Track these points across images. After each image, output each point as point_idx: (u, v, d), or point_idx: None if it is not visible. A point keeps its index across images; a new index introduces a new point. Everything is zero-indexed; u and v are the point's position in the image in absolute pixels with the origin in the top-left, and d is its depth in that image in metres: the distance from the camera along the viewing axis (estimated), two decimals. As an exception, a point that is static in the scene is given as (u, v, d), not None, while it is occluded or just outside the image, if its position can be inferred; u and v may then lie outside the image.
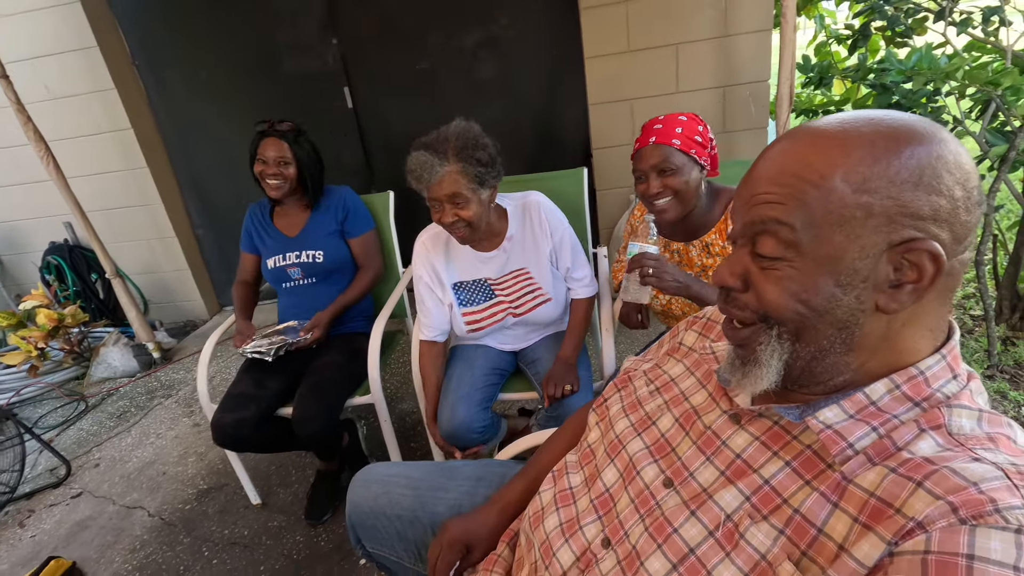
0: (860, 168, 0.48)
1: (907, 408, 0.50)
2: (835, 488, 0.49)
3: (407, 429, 2.15)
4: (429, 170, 1.28)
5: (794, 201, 0.50)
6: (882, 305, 0.49)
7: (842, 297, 0.50)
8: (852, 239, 0.48)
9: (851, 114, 0.52)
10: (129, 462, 2.23)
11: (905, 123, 0.49)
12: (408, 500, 0.99)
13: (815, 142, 0.50)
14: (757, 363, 0.55)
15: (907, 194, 0.47)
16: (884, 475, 0.46)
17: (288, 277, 1.81)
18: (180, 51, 2.99)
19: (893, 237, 0.48)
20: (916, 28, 1.87)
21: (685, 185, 1.22)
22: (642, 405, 0.75)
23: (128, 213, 3.18)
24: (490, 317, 1.50)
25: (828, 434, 0.51)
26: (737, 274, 0.56)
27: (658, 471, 0.64)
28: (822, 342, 0.52)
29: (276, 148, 1.72)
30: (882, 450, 0.49)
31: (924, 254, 0.47)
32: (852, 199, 0.48)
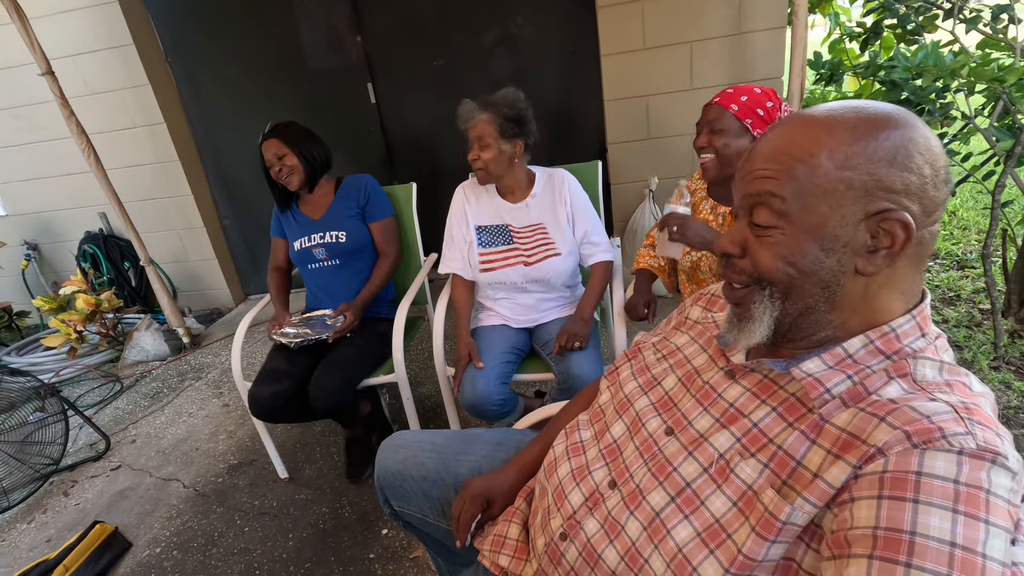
0: (843, 147, 0.55)
1: (879, 360, 0.58)
2: (813, 427, 0.56)
3: (427, 411, 2.24)
4: (469, 113, 1.58)
5: (786, 176, 0.57)
6: (860, 268, 0.57)
7: (825, 260, 0.57)
8: (834, 209, 0.55)
9: (838, 103, 0.60)
10: (164, 438, 2.35)
11: (883, 111, 0.57)
12: (433, 463, 1.08)
13: (805, 125, 0.58)
14: (751, 319, 0.63)
15: (883, 170, 0.54)
16: (855, 414, 0.54)
17: (313, 258, 1.91)
18: (210, 49, 3.12)
19: (870, 208, 0.55)
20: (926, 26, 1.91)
21: (726, 148, 1.31)
22: (649, 369, 0.83)
23: (159, 204, 3.32)
24: (503, 260, 1.66)
25: (809, 381, 0.58)
26: (737, 242, 0.63)
27: (661, 422, 0.72)
28: (808, 300, 0.59)
29: (271, 147, 1.84)
30: (855, 395, 0.56)
31: (896, 223, 0.55)
32: (836, 174, 0.55)
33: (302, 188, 1.90)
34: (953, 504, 0.45)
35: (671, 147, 2.77)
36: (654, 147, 2.79)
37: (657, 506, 0.64)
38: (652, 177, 2.81)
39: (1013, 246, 2.13)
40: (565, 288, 1.75)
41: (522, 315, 1.73)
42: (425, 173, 3.18)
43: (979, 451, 0.47)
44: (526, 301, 1.72)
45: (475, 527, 0.94)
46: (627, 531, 0.66)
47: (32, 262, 3.54)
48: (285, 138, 1.85)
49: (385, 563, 1.59)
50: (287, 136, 1.85)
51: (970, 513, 0.45)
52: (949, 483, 0.46)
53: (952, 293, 2.47)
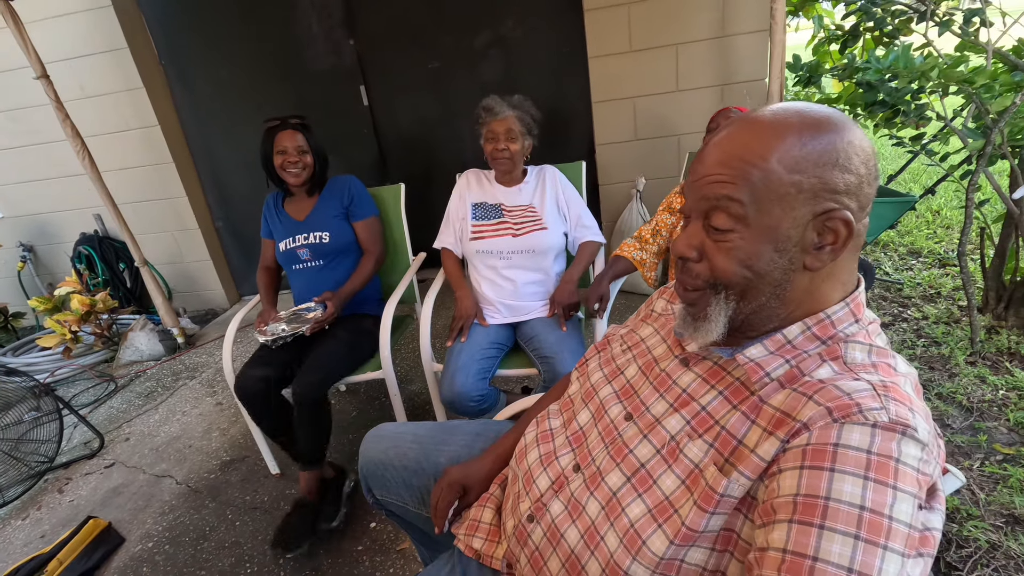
0: (792, 152, 0.58)
1: (816, 345, 0.62)
2: (753, 408, 0.61)
3: (416, 408, 2.28)
4: (499, 106, 1.73)
5: (741, 180, 0.59)
6: (808, 264, 0.61)
7: (778, 260, 0.60)
8: (787, 211, 0.58)
9: (781, 106, 0.63)
10: (157, 436, 2.38)
11: (822, 114, 0.60)
12: (414, 453, 1.12)
13: (754, 129, 0.61)
14: (707, 319, 0.66)
15: (828, 173, 0.58)
16: (788, 395, 0.58)
17: (298, 258, 1.95)
18: (204, 51, 3.16)
19: (816, 208, 0.59)
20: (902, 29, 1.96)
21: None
22: (614, 360, 0.87)
23: (154, 206, 3.35)
24: (493, 231, 1.79)
25: (751, 366, 0.62)
26: (694, 246, 0.65)
27: (621, 408, 0.76)
28: (761, 299, 0.63)
29: (294, 138, 1.86)
30: (792, 377, 0.60)
31: (839, 221, 0.58)
32: (787, 178, 0.58)
33: (302, 187, 1.94)
34: (864, 472, 0.49)
35: (658, 148, 2.81)
36: (641, 148, 2.84)
37: (614, 486, 0.68)
38: (639, 178, 2.85)
39: (990, 243, 2.17)
40: (550, 273, 1.80)
41: (505, 299, 1.78)
42: (418, 175, 3.22)
43: (891, 424, 0.51)
44: (509, 285, 1.77)
45: (452, 514, 0.97)
46: (587, 511, 0.70)
47: (28, 263, 3.57)
48: (308, 136, 1.90)
49: (373, 555, 1.62)
50: (309, 135, 1.91)
51: (879, 480, 0.49)
52: (862, 453, 0.50)
53: (933, 290, 2.52)
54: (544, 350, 1.60)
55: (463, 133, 3.11)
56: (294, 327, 1.79)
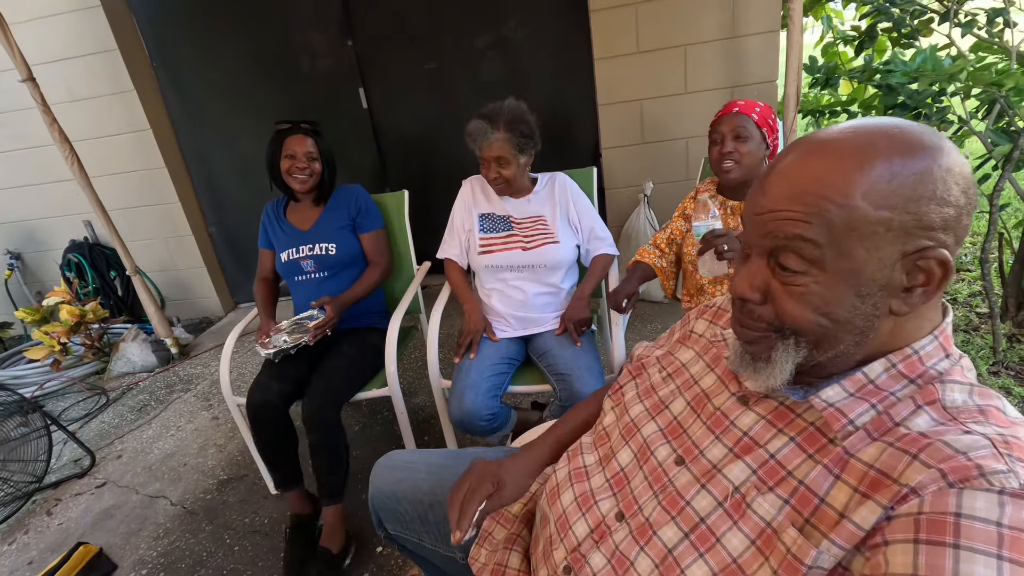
0: (880, 186, 0.49)
1: (903, 385, 0.55)
2: (837, 461, 0.53)
3: (421, 422, 2.20)
4: (483, 135, 1.58)
5: (818, 219, 0.51)
6: (895, 309, 0.53)
7: (860, 306, 0.52)
8: (872, 252, 0.50)
9: (863, 126, 0.53)
10: (151, 453, 2.29)
11: (915, 134, 0.51)
12: (429, 484, 1.04)
13: (832, 155, 0.52)
14: (770, 363, 0.58)
15: (923, 208, 0.49)
16: (883, 449, 0.51)
17: (301, 270, 1.87)
18: (197, 54, 3.06)
19: (907, 247, 0.51)
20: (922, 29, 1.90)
21: (750, 154, 1.41)
22: (656, 391, 0.80)
23: (146, 212, 3.25)
24: (502, 244, 1.70)
25: (831, 412, 0.55)
26: (757, 287, 0.57)
27: (670, 450, 0.68)
28: (839, 347, 0.55)
29: (304, 144, 1.79)
30: (880, 425, 0.53)
31: (933, 261, 0.51)
32: (874, 215, 0.49)
33: (308, 194, 1.86)
34: (998, 549, 0.42)
35: (666, 152, 2.75)
36: (648, 152, 2.77)
37: (669, 542, 0.61)
38: (647, 182, 2.78)
39: (1009, 249, 2.12)
40: (561, 287, 1.72)
41: (515, 311, 1.70)
42: (418, 179, 3.14)
43: (1022, 491, 0.43)
44: (518, 295, 1.69)
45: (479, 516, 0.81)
46: (637, 568, 0.63)
47: (15, 272, 3.46)
48: (318, 140, 1.83)
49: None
50: (320, 139, 1.84)
51: (1016, 560, 0.42)
52: (992, 526, 0.43)
53: (948, 296, 2.47)
54: (559, 367, 1.53)
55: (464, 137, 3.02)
56: (296, 337, 1.71)
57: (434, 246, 1.89)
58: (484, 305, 1.76)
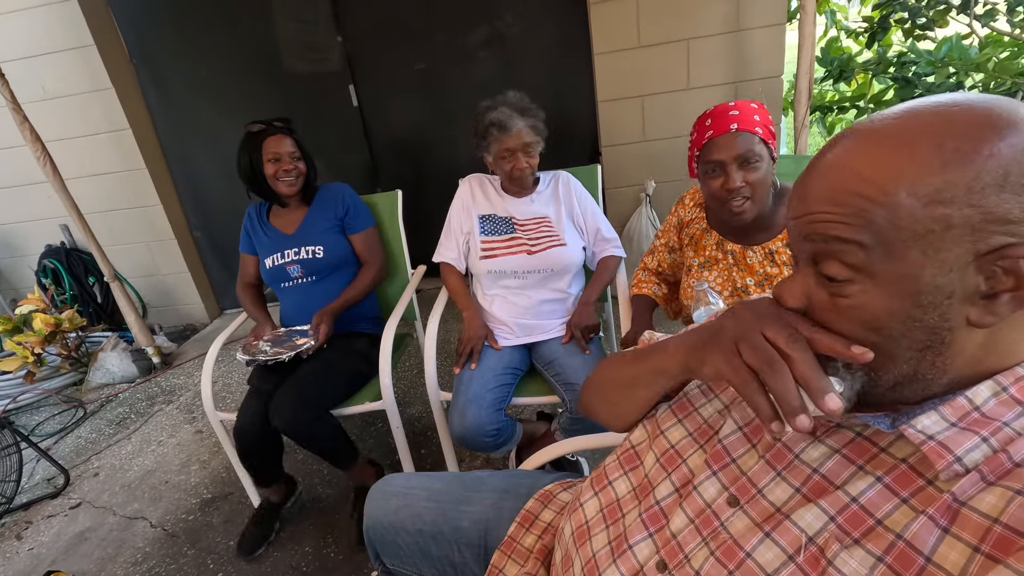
0: (929, 178, 0.41)
1: (1017, 413, 0.45)
2: (945, 511, 0.43)
3: (417, 435, 2.09)
4: (511, 120, 1.49)
5: (857, 219, 0.44)
6: (975, 319, 0.44)
7: (922, 317, 0.44)
8: (930, 255, 0.42)
9: (918, 107, 0.45)
10: (130, 471, 2.16)
11: (980, 112, 0.42)
12: (431, 514, 0.94)
13: (872, 146, 0.44)
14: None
15: (992, 199, 0.40)
16: (1008, 498, 0.41)
17: (287, 276, 1.76)
18: (180, 49, 2.93)
19: (980, 246, 0.42)
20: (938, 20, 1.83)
21: (762, 182, 1.11)
22: (696, 408, 0.70)
23: (126, 215, 3.11)
24: (506, 248, 1.60)
25: (932, 447, 0.45)
26: (798, 296, 0.51)
27: (720, 488, 0.58)
28: (901, 366, 0.47)
29: (285, 143, 1.70)
30: (997, 466, 0.43)
31: (1021, 260, 0.41)
32: (924, 213, 0.42)
33: (295, 196, 1.76)
34: None
35: (668, 149, 2.65)
36: (650, 150, 2.68)
37: (729, 604, 0.50)
38: (649, 181, 2.69)
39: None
40: (569, 292, 1.62)
41: (519, 317, 1.60)
42: (412, 180, 3.03)
43: None
44: (524, 301, 1.59)
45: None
46: (687, 632, 0.52)
47: (-12, 279, 3.30)
48: (298, 141, 1.74)
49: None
50: (298, 140, 1.75)
51: None
52: None
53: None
54: (568, 375, 1.43)
55: (459, 135, 2.92)
56: (276, 351, 1.60)
57: (429, 249, 1.78)
58: (484, 312, 1.65)
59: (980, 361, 0.46)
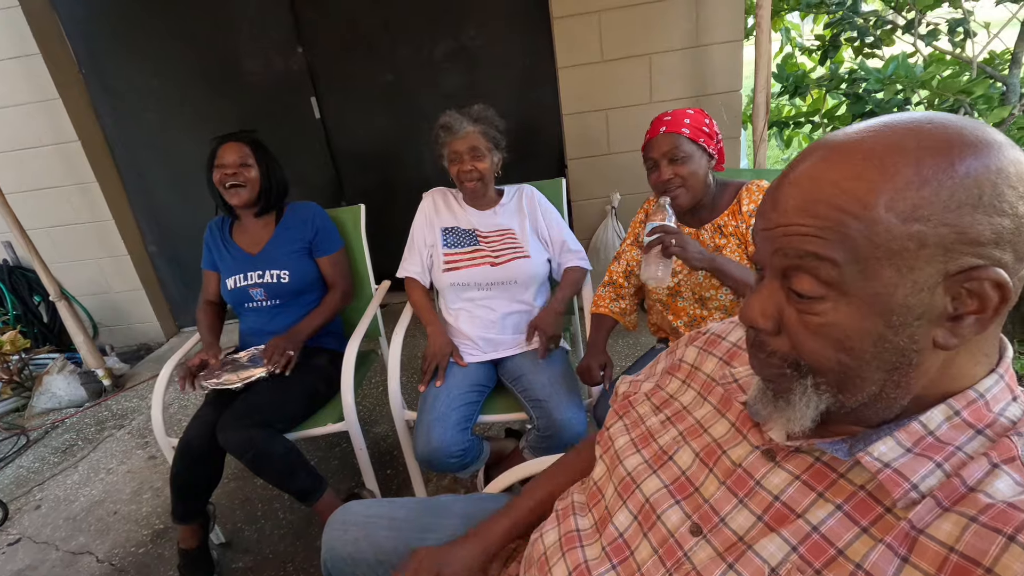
0: (907, 193, 0.41)
1: (969, 437, 0.45)
2: (902, 539, 0.43)
3: (383, 454, 2.03)
4: (459, 123, 1.52)
5: (833, 234, 0.43)
6: (941, 341, 0.43)
7: (892, 339, 0.43)
8: (904, 273, 0.42)
9: (891, 123, 0.45)
10: (75, 502, 2.04)
11: (953, 131, 0.42)
12: (392, 543, 0.90)
13: (849, 160, 0.44)
14: (790, 405, 0.49)
15: (966, 219, 0.40)
16: (964, 526, 0.40)
17: (250, 298, 1.69)
18: (132, 59, 2.83)
19: (950, 267, 0.41)
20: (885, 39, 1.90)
21: (693, 174, 1.26)
22: (654, 437, 0.69)
23: (75, 231, 2.97)
24: (469, 260, 1.58)
25: (888, 474, 0.45)
26: (769, 315, 0.49)
27: (683, 516, 0.57)
28: (869, 388, 0.46)
29: (236, 151, 1.62)
30: (951, 491, 0.43)
31: (987, 283, 0.41)
32: (901, 230, 0.41)
33: (246, 207, 1.68)
34: None
35: (633, 162, 2.66)
36: (615, 162, 2.71)
37: (693, 639, 0.49)
38: (614, 193, 2.72)
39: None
40: (534, 305, 1.61)
41: (484, 332, 1.57)
42: (377, 193, 2.98)
43: None
44: (488, 315, 1.57)
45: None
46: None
47: (-78, 299, 3.10)
48: (254, 149, 1.66)
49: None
50: (257, 146, 1.67)
51: None
52: None
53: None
54: (535, 391, 1.41)
55: (425, 148, 2.89)
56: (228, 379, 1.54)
57: (394, 264, 1.75)
58: (450, 327, 1.63)
59: (935, 384, 0.46)
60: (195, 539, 1.55)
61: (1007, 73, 1.77)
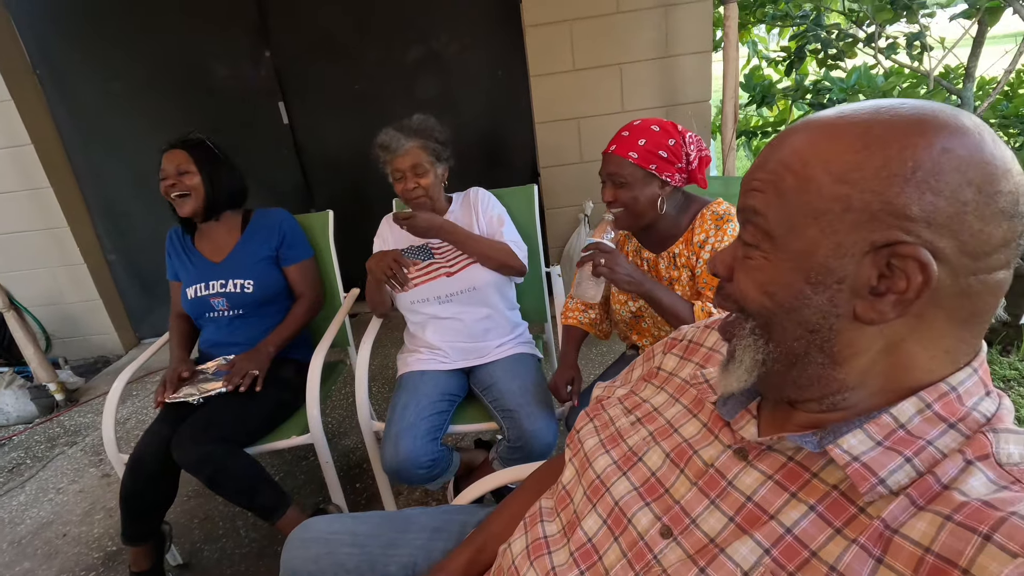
0: (846, 155, 0.43)
1: (940, 431, 0.44)
2: (876, 539, 0.41)
3: (351, 468, 1.97)
4: (396, 141, 1.46)
5: (772, 189, 0.47)
6: (860, 312, 0.44)
7: (812, 296, 0.45)
8: (827, 234, 0.44)
9: (863, 103, 0.48)
10: (21, 524, 1.92)
11: (913, 111, 0.43)
12: (354, 561, 0.86)
13: (809, 128, 0.47)
14: (733, 358, 0.52)
15: (893, 189, 0.41)
16: (939, 525, 0.39)
17: (211, 308, 1.62)
18: (90, 60, 2.74)
19: (876, 237, 0.42)
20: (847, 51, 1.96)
21: (634, 200, 1.18)
22: (623, 438, 0.67)
23: (27, 238, 2.84)
24: (425, 274, 1.54)
25: (855, 468, 0.43)
26: (726, 263, 0.53)
27: (653, 518, 0.55)
28: (792, 343, 0.48)
29: (173, 159, 1.55)
30: (926, 489, 0.42)
31: (911, 261, 0.41)
32: (829, 189, 0.43)
33: (195, 217, 1.61)
34: None
35: (605, 170, 2.70)
36: (588, 171, 2.71)
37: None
38: (587, 201, 2.73)
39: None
40: (499, 308, 1.57)
41: (455, 340, 1.54)
42: (346, 199, 2.93)
43: None
44: (456, 325, 1.53)
45: None
46: None
47: None
48: (195, 154, 1.57)
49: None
50: (198, 152, 1.58)
51: None
52: None
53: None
54: (506, 401, 1.38)
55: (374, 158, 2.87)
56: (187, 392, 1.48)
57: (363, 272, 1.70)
58: (417, 339, 1.58)
59: (893, 373, 0.46)
60: (147, 561, 1.47)
61: (961, 87, 1.85)
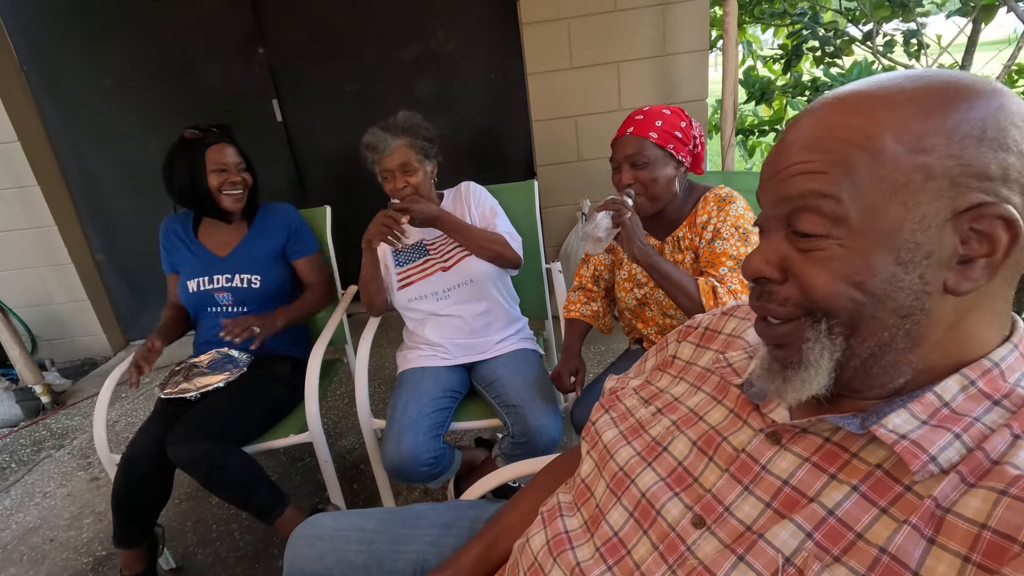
0: (912, 124, 0.41)
1: (985, 408, 0.43)
2: (927, 519, 0.40)
3: (349, 468, 1.93)
4: (383, 141, 1.43)
5: (838, 168, 0.43)
6: (951, 285, 0.42)
7: (904, 277, 0.42)
8: (911, 208, 0.41)
9: (876, 77, 0.46)
10: (7, 530, 1.86)
11: (951, 77, 0.43)
12: (362, 558, 0.83)
13: (854, 103, 0.44)
14: (802, 364, 0.47)
15: (971, 151, 0.40)
16: (994, 500, 0.38)
17: (214, 302, 1.59)
18: (79, 57, 2.69)
19: (958, 203, 0.41)
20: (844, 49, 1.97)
21: (654, 182, 1.18)
22: (645, 429, 0.65)
23: (11, 237, 2.77)
24: (421, 272, 1.53)
25: (905, 446, 0.42)
26: (773, 262, 0.48)
27: (683, 508, 0.53)
28: (883, 334, 0.44)
29: (228, 153, 1.55)
30: (976, 466, 0.40)
31: (997, 221, 0.40)
32: (907, 160, 0.41)
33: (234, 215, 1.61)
34: None
35: (603, 169, 2.66)
36: (585, 169, 2.71)
37: (702, 640, 0.45)
38: (584, 200, 2.72)
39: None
40: (497, 300, 1.55)
41: (455, 337, 1.51)
42: (342, 196, 2.87)
43: None
44: (455, 321, 1.51)
45: None
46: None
47: None
48: (239, 147, 1.60)
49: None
50: (240, 145, 1.60)
51: None
52: None
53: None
54: (509, 397, 1.36)
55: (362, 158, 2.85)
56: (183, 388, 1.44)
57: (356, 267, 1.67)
58: (416, 336, 1.56)
59: (941, 344, 0.44)
60: (140, 565, 1.43)
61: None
